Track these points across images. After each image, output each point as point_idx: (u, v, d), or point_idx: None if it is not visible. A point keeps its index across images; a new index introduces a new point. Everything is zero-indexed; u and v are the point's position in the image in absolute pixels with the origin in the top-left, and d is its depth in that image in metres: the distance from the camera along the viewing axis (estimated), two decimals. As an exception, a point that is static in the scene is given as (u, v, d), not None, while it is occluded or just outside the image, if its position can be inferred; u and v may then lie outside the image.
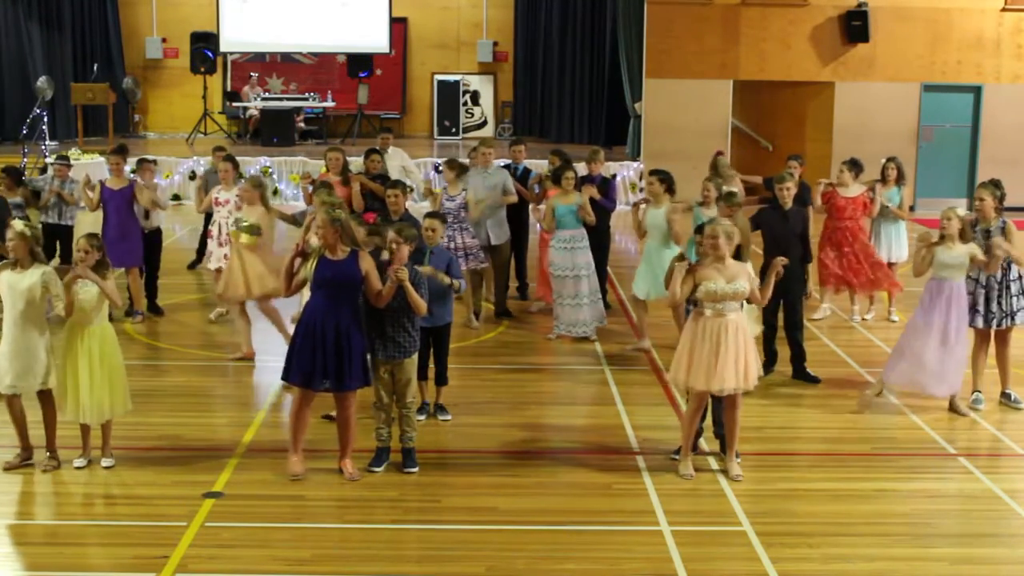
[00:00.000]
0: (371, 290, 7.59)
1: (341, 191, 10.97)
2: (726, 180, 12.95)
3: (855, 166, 12.09)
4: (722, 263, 7.62)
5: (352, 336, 7.53)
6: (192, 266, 14.03)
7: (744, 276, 7.64)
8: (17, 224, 7.67)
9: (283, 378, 7.82)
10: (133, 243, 11.68)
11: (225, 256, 11.05)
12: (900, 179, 12.28)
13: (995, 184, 9.55)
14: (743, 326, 7.72)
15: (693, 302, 7.83)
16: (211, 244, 11.56)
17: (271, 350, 10.36)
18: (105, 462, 7.88)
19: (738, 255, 7.78)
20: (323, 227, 7.51)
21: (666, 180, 10.79)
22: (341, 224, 7.52)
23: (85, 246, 7.66)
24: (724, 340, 7.57)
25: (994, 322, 9.30)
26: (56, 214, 12.15)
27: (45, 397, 7.77)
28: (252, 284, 10.16)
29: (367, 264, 7.55)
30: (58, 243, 12.20)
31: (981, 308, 9.30)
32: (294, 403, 7.86)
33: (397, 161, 13.78)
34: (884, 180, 12.27)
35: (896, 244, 12.30)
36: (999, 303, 9.29)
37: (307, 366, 7.52)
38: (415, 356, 7.96)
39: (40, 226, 9.31)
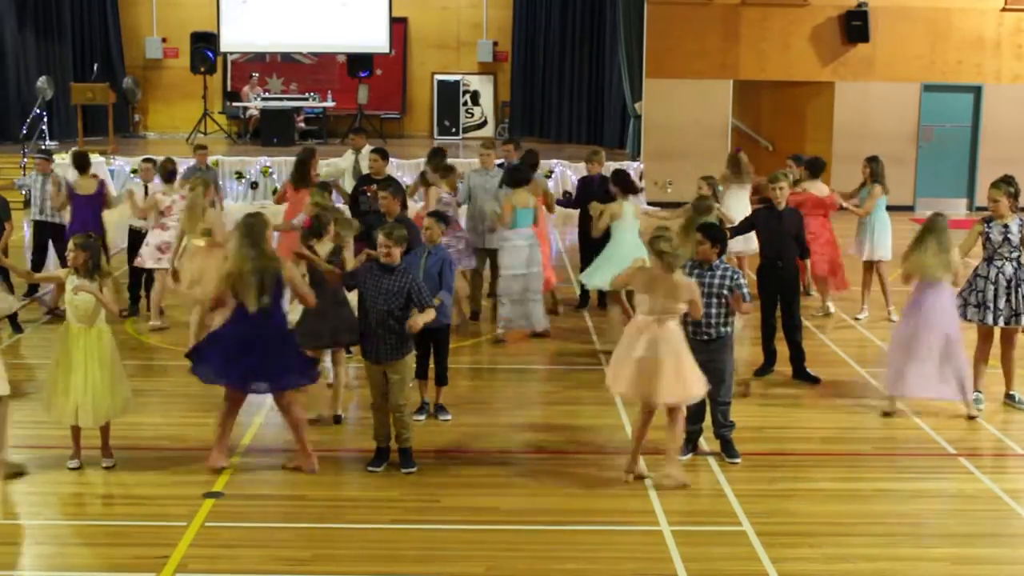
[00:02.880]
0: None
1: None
2: (744, 178, 13.01)
3: (811, 165, 12.40)
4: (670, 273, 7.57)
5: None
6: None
7: (686, 295, 7.54)
8: None
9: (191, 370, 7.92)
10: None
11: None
12: (874, 178, 12.23)
13: (1007, 181, 9.53)
14: (678, 337, 7.61)
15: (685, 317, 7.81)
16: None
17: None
18: (105, 462, 7.88)
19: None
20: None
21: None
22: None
23: (73, 247, 7.71)
24: (656, 349, 7.50)
25: (1001, 320, 9.29)
26: (47, 211, 12.13)
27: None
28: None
29: (289, 273, 7.76)
30: (50, 241, 12.23)
31: (991, 304, 9.29)
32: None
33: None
34: (864, 180, 12.32)
35: (878, 243, 12.25)
36: (1008, 300, 9.28)
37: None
38: (407, 358, 7.92)
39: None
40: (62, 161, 18.89)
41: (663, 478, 7.70)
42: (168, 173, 11.88)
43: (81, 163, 12.23)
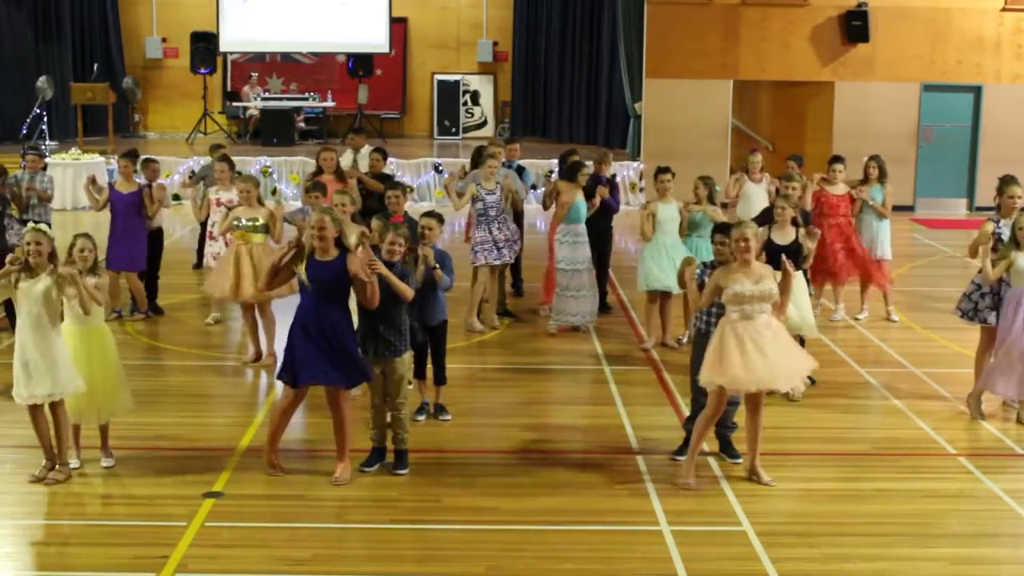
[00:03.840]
0: (358, 290, 7.59)
1: (335, 188, 10.95)
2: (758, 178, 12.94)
3: (838, 162, 12.34)
4: (748, 265, 7.52)
5: (343, 335, 7.54)
6: (197, 266, 14.01)
7: (770, 277, 7.52)
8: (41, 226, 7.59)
9: (277, 376, 7.85)
10: (137, 247, 11.65)
11: (214, 256, 11.08)
12: (882, 177, 12.26)
13: (1015, 180, 9.54)
14: (776, 325, 7.57)
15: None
16: (210, 245, 11.53)
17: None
18: (105, 462, 7.88)
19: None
20: (317, 227, 7.50)
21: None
22: (335, 225, 7.53)
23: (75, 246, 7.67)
24: (757, 340, 7.41)
25: None
26: (36, 212, 12.05)
27: (58, 406, 7.58)
28: (243, 285, 10.13)
29: (355, 266, 7.54)
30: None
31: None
32: (282, 400, 7.87)
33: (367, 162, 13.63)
34: (866, 179, 12.29)
35: (879, 242, 12.24)
36: None
37: (298, 364, 7.54)
38: (406, 356, 7.94)
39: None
40: (60, 161, 19.00)
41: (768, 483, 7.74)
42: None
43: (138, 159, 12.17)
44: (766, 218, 10.40)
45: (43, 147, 19.01)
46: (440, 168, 19.72)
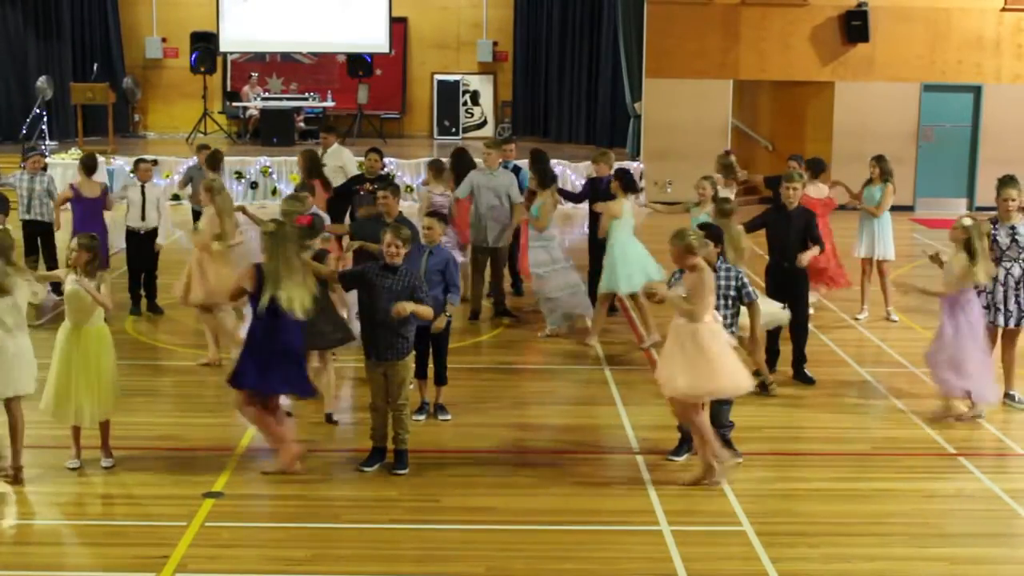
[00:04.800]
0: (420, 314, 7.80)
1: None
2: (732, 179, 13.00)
3: (812, 166, 12.41)
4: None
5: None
6: None
7: (687, 283, 7.59)
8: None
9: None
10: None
11: None
12: (883, 177, 12.27)
13: (1015, 180, 9.56)
14: (717, 332, 7.62)
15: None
16: None
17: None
18: (105, 462, 7.88)
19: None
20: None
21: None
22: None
23: (75, 246, 7.71)
24: (695, 346, 7.51)
25: (1012, 321, 9.32)
26: (37, 210, 12.12)
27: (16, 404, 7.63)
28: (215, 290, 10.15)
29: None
30: (39, 240, 12.22)
31: (1001, 306, 9.31)
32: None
33: (335, 161, 13.64)
34: (871, 179, 12.31)
35: (880, 242, 12.24)
36: (1017, 301, 9.30)
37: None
38: (408, 358, 7.94)
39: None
40: (60, 161, 19.01)
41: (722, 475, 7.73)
42: (215, 162, 12.38)
43: (89, 165, 12.21)
44: (755, 226, 10.44)
45: (43, 147, 19.03)
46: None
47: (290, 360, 7.81)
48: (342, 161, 13.69)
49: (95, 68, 22.21)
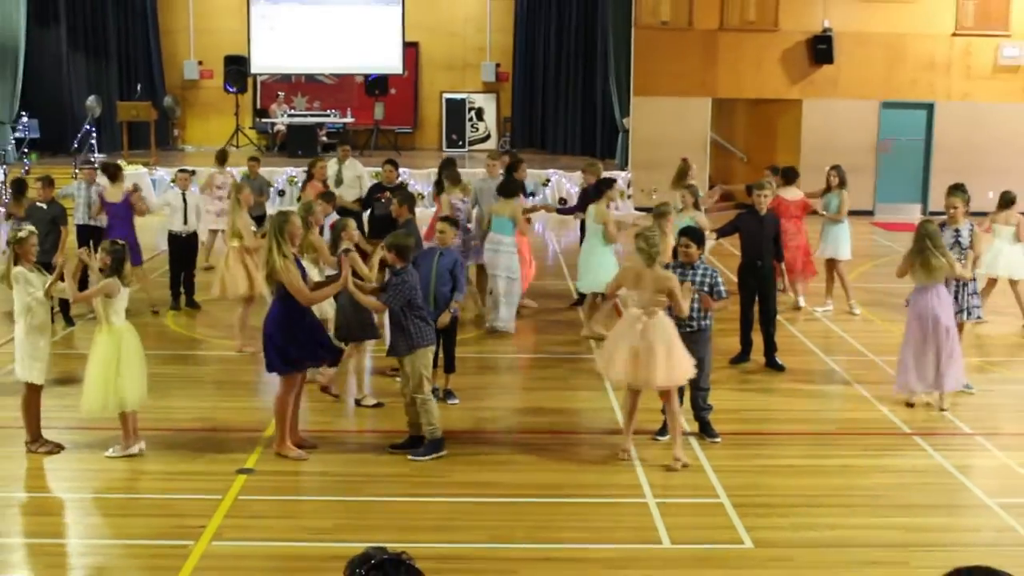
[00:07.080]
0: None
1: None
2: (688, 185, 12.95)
3: (786, 174, 12.45)
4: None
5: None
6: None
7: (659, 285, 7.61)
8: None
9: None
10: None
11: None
12: (842, 184, 12.27)
13: (963, 189, 9.55)
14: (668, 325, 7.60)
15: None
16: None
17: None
18: (110, 451, 7.77)
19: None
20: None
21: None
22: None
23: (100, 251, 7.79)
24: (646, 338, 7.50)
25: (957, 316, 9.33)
26: (88, 216, 12.10)
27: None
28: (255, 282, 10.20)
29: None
30: (91, 243, 12.22)
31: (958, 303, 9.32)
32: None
33: (352, 172, 13.68)
34: (828, 186, 12.32)
35: (836, 243, 12.26)
36: (956, 298, 9.30)
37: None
38: (419, 352, 7.71)
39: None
40: (132, 171, 18.92)
41: (673, 462, 7.62)
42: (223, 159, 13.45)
43: (111, 173, 12.14)
44: (729, 229, 10.44)
45: (92, 160, 19.02)
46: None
47: (318, 330, 7.83)
48: (359, 171, 13.74)
49: (139, 88, 22.21)
